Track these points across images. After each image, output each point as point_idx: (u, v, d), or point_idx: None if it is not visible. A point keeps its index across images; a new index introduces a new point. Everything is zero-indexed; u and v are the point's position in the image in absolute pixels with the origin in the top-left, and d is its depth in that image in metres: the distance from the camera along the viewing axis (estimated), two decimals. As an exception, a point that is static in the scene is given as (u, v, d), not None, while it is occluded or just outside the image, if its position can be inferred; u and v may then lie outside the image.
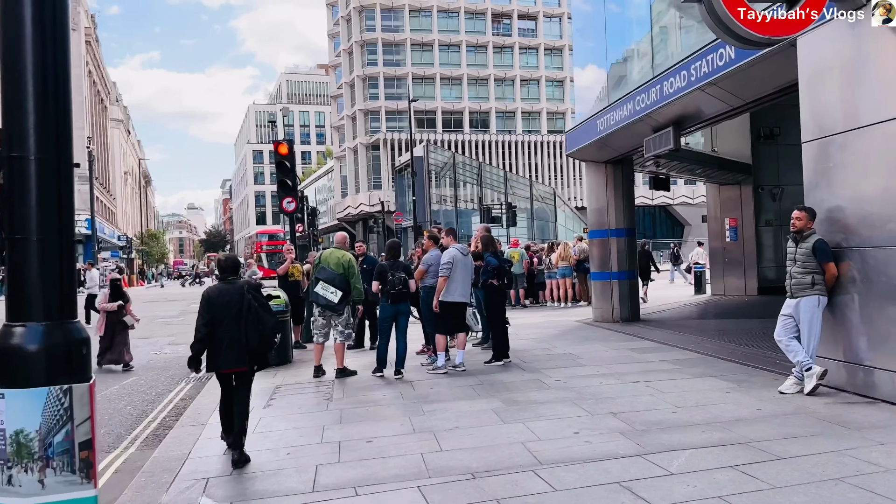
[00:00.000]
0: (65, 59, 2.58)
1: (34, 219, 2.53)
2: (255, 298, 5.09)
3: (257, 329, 4.99)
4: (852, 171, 6.05)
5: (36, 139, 2.55)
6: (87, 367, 2.59)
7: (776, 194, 17.65)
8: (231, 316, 5.02)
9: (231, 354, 5.05)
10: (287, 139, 12.46)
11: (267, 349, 5.12)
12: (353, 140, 63.95)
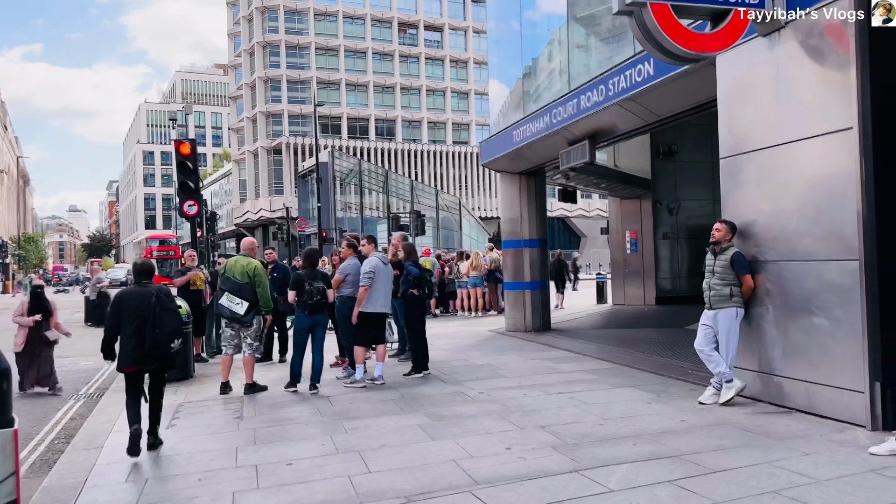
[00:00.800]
0: None
1: None
2: (160, 303, 5.43)
3: (153, 333, 5.35)
4: (769, 188, 6.26)
5: None
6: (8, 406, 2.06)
7: (673, 209, 18.45)
8: (139, 318, 5.38)
9: (134, 354, 5.40)
10: (190, 139, 11.74)
11: (163, 352, 5.44)
12: (253, 143, 61.95)
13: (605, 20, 10.19)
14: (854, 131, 5.24)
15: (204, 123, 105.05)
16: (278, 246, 38.83)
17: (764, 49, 6.15)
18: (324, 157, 37.65)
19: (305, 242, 42.13)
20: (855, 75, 5.21)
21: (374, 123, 64.09)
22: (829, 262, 5.59)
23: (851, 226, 5.33)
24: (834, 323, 5.56)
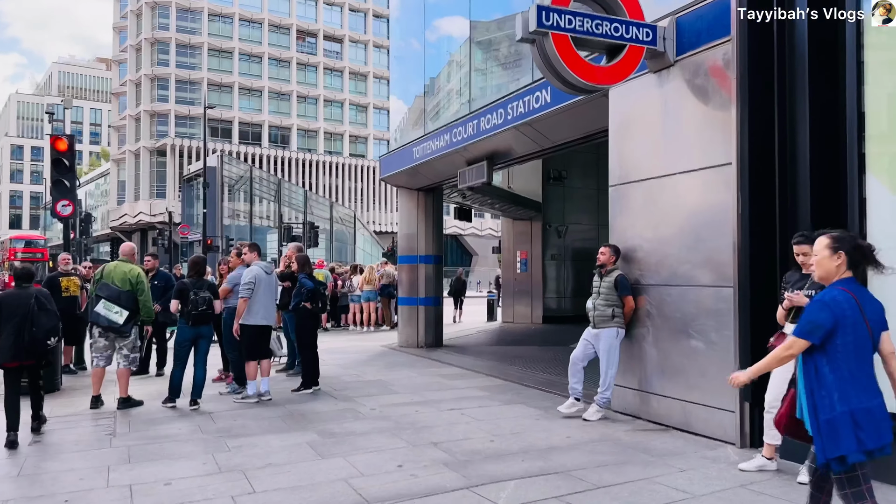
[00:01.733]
0: None
1: None
2: (38, 303, 5.95)
3: (31, 331, 5.82)
4: (653, 216, 6.62)
5: None
6: None
7: (561, 231, 19.18)
8: (18, 317, 5.83)
9: (13, 350, 5.83)
10: (68, 135, 10.95)
11: (41, 348, 5.95)
12: (135, 143, 58.67)
13: (504, 45, 10.48)
14: (733, 167, 5.64)
15: (82, 119, 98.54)
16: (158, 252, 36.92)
17: (654, 85, 6.52)
18: (212, 162, 36.31)
19: (188, 250, 40.34)
20: (735, 115, 5.62)
21: (269, 130, 62.45)
22: (706, 288, 5.97)
23: (727, 254, 5.72)
24: (710, 346, 5.93)
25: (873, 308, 3.19)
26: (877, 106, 4.84)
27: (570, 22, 5.77)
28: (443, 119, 12.04)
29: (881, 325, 3.20)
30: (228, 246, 29.77)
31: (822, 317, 3.09)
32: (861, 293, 3.19)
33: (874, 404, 3.06)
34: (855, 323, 3.08)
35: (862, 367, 3.09)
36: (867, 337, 3.11)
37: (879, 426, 3.03)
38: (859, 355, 3.09)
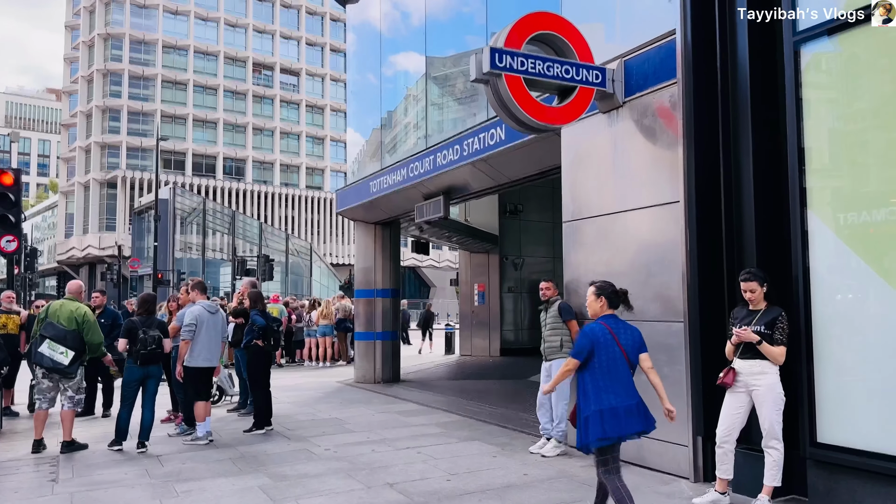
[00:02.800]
0: None
1: None
2: None
3: None
4: (605, 251, 6.74)
5: None
6: None
7: (518, 264, 19.34)
8: None
9: None
10: (14, 168, 10.65)
11: None
12: (84, 174, 57.27)
13: (459, 81, 10.66)
14: (681, 204, 5.80)
15: (29, 150, 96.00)
16: (107, 287, 35.91)
17: (604, 124, 6.70)
18: (164, 194, 35.72)
19: (138, 284, 39.37)
20: (682, 154, 5.80)
21: (223, 162, 61.74)
22: (658, 323, 6.07)
23: (677, 289, 5.85)
24: (662, 380, 5.97)
25: (627, 335, 4.35)
26: (816, 141, 5.05)
27: (523, 64, 5.91)
28: (400, 152, 12.12)
29: (637, 348, 4.37)
30: (179, 280, 29.16)
31: (584, 343, 4.27)
32: (616, 325, 4.37)
33: (620, 405, 4.16)
34: (607, 346, 4.24)
35: (614, 378, 4.23)
36: (620, 356, 4.25)
37: (621, 420, 4.15)
38: (611, 370, 4.22)
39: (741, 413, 4.92)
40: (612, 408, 4.15)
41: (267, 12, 64.50)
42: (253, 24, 63.24)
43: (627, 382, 4.26)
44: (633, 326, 4.45)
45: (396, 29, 12.94)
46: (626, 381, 4.26)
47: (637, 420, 4.24)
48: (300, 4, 66.04)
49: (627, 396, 4.22)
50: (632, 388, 4.28)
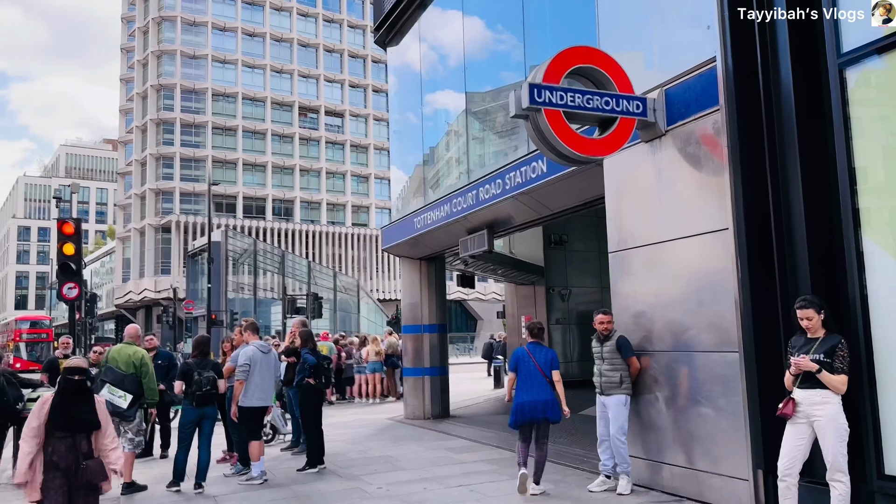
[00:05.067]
0: None
1: None
2: (7, 380, 7.80)
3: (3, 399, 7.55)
4: (654, 281, 6.65)
5: None
6: None
7: (565, 295, 19.13)
8: None
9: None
10: (74, 218, 11.14)
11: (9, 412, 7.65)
12: (140, 220, 59.43)
13: (499, 115, 10.76)
14: (730, 231, 5.70)
15: (88, 199, 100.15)
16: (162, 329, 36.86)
17: (647, 154, 6.67)
18: (217, 237, 36.64)
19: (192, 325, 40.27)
20: (729, 180, 5.72)
21: (272, 203, 63.33)
22: (712, 354, 5.93)
23: (731, 319, 5.71)
24: (719, 412, 5.85)
25: (542, 355, 6.71)
26: (868, 160, 4.92)
27: (562, 98, 5.95)
28: (443, 187, 12.24)
29: (550, 364, 6.66)
30: (233, 320, 29.73)
31: (513, 360, 6.85)
32: (534, 348, 6.75)
33: (524, 401, 6.55)
34: (525, 362, 6.67)
35: (528, 383, 6.59)
36: (535, 369, 6.60)
37: (524, 411, 6.57)
38: (527, 378, 6.60)
39: (803, 445, 4.73)
40: (520, 402, 6.57)
41: (311, 57, 66.54)
42: (298, 70, 65.26)
43: (534, 385, 6.56)
44: (547, 349, 6.85)
45: (434, 69, 13.20)
46: (536, 385, 6.56)
47: (531, 411, 6.55)
48: (342, 48, 67.96)
49: (531, 395, 6.54)
50: (535, 389, 6.56)
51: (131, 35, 65.59)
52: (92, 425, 4.75)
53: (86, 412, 4.74)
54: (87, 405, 4.77)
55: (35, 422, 4.59)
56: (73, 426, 4.64)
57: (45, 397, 4.71)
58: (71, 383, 4.71)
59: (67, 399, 4.68)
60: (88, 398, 4.81)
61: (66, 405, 4.64)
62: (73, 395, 4.70)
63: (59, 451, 4.58)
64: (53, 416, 4.59)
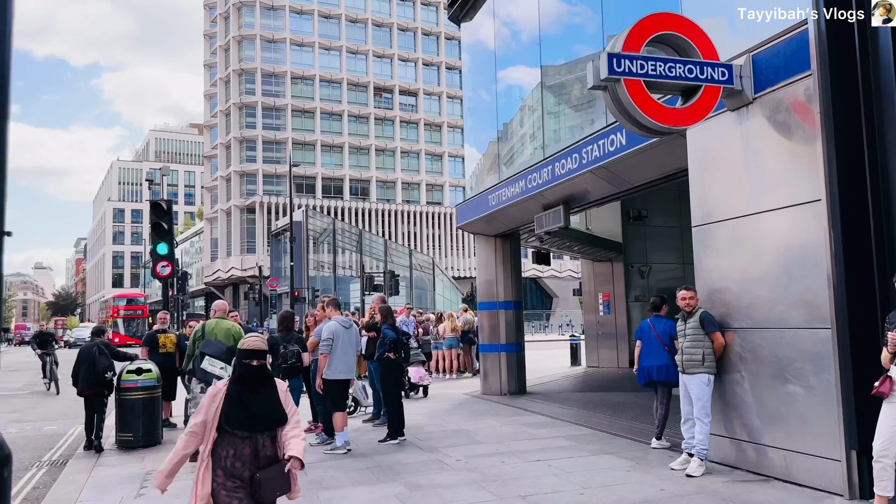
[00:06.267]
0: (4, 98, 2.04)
1: None
2: (99, 350, 8.60)
3: (93, 368, 8.41)
4: (740, 256, 6.42)
5: None
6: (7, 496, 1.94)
7: (644, 272, 18.71)
8: (87, 360, 8.50)
9: (83, 384, 8.48)
10: (166, 200, 11.71)
11: (99, 380, 8.48)
12: (226, 202, 61.88)
13: (575, 88, 10.56)
14: (822, 203, 5.43)
15: (177, 182, 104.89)
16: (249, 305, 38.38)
17: (733, 123, 6.41)
18: (298, 217, 37.75)
19: (277, 302, 41.75)
20: (821, 149, 5.44)
21: (349, 183, 64.61)
22: (802, 330, 5.70)
23: (823, 294, 5.47)
24: (809, 391, 5.63)
25: (661, 326, 7.42)
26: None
27: (643, 67, 5.79)
28: (517, 164, 12.16)
29: (668, 334, 7.27)
30: (315, 297, 30.66)
31: (638, 331, 7.77)
32: (655, 321, 7.56)
33: (645, 365, 7.48)
34: (647, 332, 7.53)
35: (649, 351, 7.49)
36: (654, 338, 7.43)
37: (646, 374, 7.50)
38: (648, 346, 7.48)
39: None
40: (644, 367, 7.53)
41: (385, 37, 67.02)
42: (373, 50, 65.91)
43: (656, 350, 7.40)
44: (667, 320, 7.43)
45: (507, 45, 13.05)
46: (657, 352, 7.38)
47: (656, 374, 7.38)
48: (416, 27, 68.09)
49: (650, 361, 7.46)
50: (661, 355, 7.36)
51: (213, 21, 67.82)
52: (276, 422, 3.64)
53: (268, 405, 3.65)
54: (270, 396, 3.69)
55: (199, 416, 3.61)
56: (254, 423, 3.57)
57: (217, 388, 3.70)
58: (249, 370, 3.66)
59: (246, 389, 3.63)
60: (270, 387, 3.72)
61: (242, 397, 3.59)
62: (252, 384, 3.65)
63: (243, 456, 3.55)
64: (229, 411, 3.56)
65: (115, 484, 6.68)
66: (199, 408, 3.64)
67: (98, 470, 7.34)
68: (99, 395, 8.60)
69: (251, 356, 3.67)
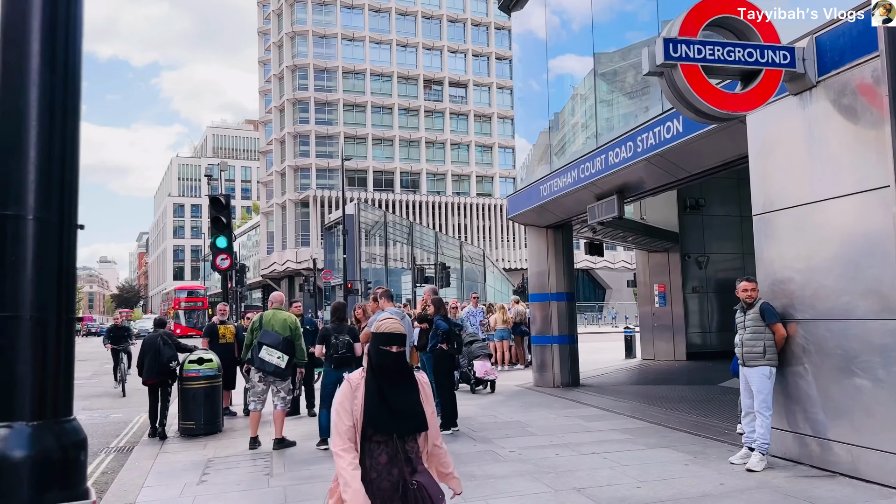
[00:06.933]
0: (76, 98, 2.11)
1: (29, 293, 1.99)
2: (163, 340, 9.03)
3: (158, 358, 8.89)
4: (804, 245, 6.21)
5: (37, 194, 2.01)
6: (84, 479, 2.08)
7: (702, 262, 18.27)
8: (152, 350, 8.96)
9: (148, 373, 8.95)
10: (224, 194, 12.00)
11: (164, 369, 8.91)
12: (281, 196, 63.14)
13: (629, 75, 10.36)
14: (891, 189, 5.20)
15: (234, 177, 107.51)
16: (304, 297, 39.11)
17: (795, 107, 6.19)
18: (350, 210, 38.19)
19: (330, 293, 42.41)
20: (889, 133, 5.20)
21: (400, 176, 65.06)
22: (870, 321, 5.48)
23: (892, 284, 5.24)
24: (877, 384, 5.42)
25: None
26: None
27: (700, 51, 5.64)
28: (568, 153, 12.02)
29: None
30: (367, 289, 31.02)
31: None
32: None
33: None
34: None
35: None
36: None
37: None
38: None
39: None
40: None
41: (434, 29, 67.05)
42: (422, 42, 66.04)
43: None
44: None
45: (558, 34, 12.89)
46: None
47: None
48: (465, 18, 67.87)
49: None
50: None
51: (266, 18, 69.07)
52: (421, 424, 2.93)
53: (411, 400, 2.95)
54: (412, 391, 2.99)
55: (347, 419, 2.87)
56: (398, 424, 2.87)
57: (353, 379, 2.98)
58: (388, 357, 2.94)
59: (386, 382, 2.91)
60: (411, 379, 3.02)
61: (383, 392, 2.88)
62: (392, 375, 2.94)
63: (378, 465, 2.86)
64: (371, 409, 2.87)
65: (179, 470, 6.91)
66: (338, 407, 2.90)
67: (162, 457, 7.61)
68: (163, 385, 8.95)
69: (391, 341, 2.95)
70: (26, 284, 2.01)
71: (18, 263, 2.00)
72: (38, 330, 2.02)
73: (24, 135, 2.04)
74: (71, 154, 2.15)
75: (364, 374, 2.98)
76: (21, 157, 2.04)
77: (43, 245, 2.04)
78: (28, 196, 2.03)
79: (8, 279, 2.01)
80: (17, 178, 2.03)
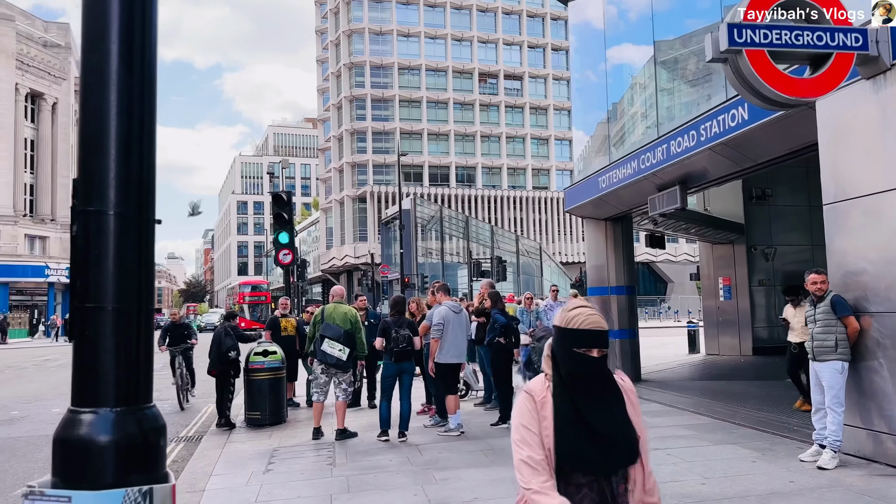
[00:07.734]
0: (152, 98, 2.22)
1: (111, 284, 2.10)
2: (225, 332, 9.47)
3: (219, 349, 9.26)
4: (878, 235, 5.95)
5: (117, 191, 2.11)
6: (164, 463, 2.20)
7: (769, 254, 17.68)
8: (216, 341, 9.35)
9: (211, 364, 9.34)
10: (286, 191, 12.27)
11: (224, 359, 9.26)
12: (339, 192, 64.15)
13: (691, 62, 10.10)
14: (975, 175, 4.93)
15: (294, 174, 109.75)
16: (363, 291, 39.68)
17: (868, 92, 5.92)
18: (406, 205, 38.49)
19: (388, 288, 42.88)
20: (974, 116, 4.93)
21: (455, 171, 65.17)
22: (953, 315, 5.21)
23: (977, 275, 4.97)
24: (961, 380, 5.15)
25: None
26: None
27: (766, 36, 5.45)
28: (627, 144, 11.81)
29: None
30: (424, 283, 31.24)
31: None
32: None
33: None
34: None
35: None
36: None
37: None
38: None
39: None
40: None
41: (489, 22, 66.81)
42: (477, 36, 65.91)
43: None
44: None
45: (615, 24, 12.66)
46: None
47: None
48: (521, 9, 67.37)
49: None
50: None
51: (324, 17, 70.14)
52: (633, 452, 2.09)
53: (620, 420, 2.12)
54: (617, 402, 2.16)
55: (538, 448, 2.04)
56: (604, 455, 2.03)
57: (535, 391, 2.13)
58: (588, 364, 2.09)
59: (583, 396, 2.07)
60: (614, 389, 2.18)
61: (580, 410, 2.05)
62: (590, 387, 2.10)
63: None
64: (564, 436, 2.03)
65: (246, 459, 7.13)
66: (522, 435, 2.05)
67: (230, 446, 7.87)
68: (225, 375, 9.27)
69: (590, 342, 2.08)
70: (108, 277, 2.12)
71: (101, 257, 2.10)
72: (121, 320, 2.12)
73: (105, 133, 2.14)
74: (148, 151, 2.25)
75: (548, 383, 2.12)
76: (102, 155, 2.14)
77: (123, 239, 2.14)
78: (109, 192, 2.13)
79: (92, 272, 2.12)
80: (100, 176, 2.14)
